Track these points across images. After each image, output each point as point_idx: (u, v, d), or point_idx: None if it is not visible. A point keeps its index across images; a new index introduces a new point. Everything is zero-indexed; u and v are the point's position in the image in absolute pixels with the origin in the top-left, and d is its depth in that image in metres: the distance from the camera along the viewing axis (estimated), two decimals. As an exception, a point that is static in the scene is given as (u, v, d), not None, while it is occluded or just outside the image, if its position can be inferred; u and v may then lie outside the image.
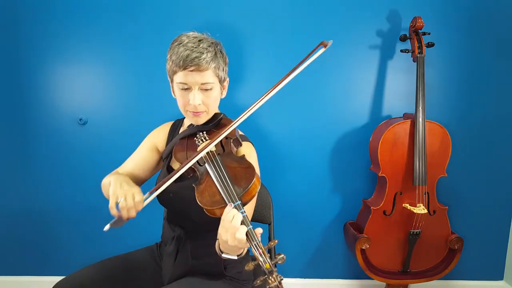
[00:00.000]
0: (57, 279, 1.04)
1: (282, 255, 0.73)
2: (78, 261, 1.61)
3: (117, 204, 0.86)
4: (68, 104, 1.76)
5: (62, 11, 1.69)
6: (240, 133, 1.12)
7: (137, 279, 1.11)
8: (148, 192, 0.92)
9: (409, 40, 1.68)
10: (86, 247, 1.86)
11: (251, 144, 1.11)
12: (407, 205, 1.60)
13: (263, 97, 0.94)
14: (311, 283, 1.92)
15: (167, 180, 0.91)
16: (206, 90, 1.02)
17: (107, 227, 0.85)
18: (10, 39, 1.71)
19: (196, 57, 0.96)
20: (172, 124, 1.23)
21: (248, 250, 1.21)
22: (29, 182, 1.82)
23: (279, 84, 0.94)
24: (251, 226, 0.75)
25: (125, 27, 1.70)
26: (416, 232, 1.62)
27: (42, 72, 1.74)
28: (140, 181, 1.16)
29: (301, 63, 0.95)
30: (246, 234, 0.74)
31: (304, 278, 1.92)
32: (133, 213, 0.86)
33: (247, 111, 0.94)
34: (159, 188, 0.91)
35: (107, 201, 0.89)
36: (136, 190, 0.88)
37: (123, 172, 1.12)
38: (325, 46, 0.95)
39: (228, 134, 0.96)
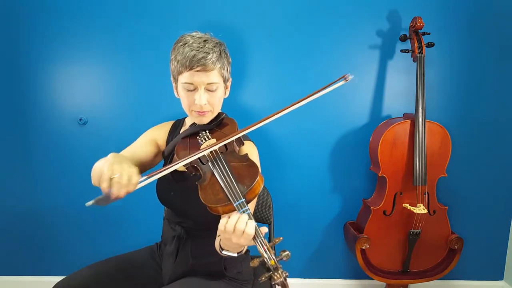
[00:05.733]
0: (57, 279, 1.04)
1: (287, 252, 0.74)
2: (78, 261, 1.61)
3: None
4: (68, 104, 1.76)
5: (62, 11, 1.69)
6: None
7: (137, 279, 1.11)
8: (146, 176, 0.87)
9: (409, 40, 1.68)
10: (86, 247, 1.86)
11: (253, 143, 1.11)
12: (407, 205, 1.60)
13: (272, 115, 0.93)
14: (311, 283, 1.92)
15: (167, 169, 0.88)
16: (212, 90, 1.02)
17: (90, 203, 0.81)
18: (10, 39, 1.71)
19: (202, 57, 0.96)
20: (173, 124, 1.22)
21: (248, 249, 1.21)
22: (29, 182, 1.82)
23: (294, 105, 0.92)
24: (256, 223, 0.76)
25: (125, 27, 1.70)
26: (416, 232, 1.62)
27: (42, 72, 1.74)
28: None
29: (319, 91, 0.93)
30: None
31: (304, 278, 1.92)
32: (122, 193, 0.82)
33: (254, 124, 0.93)
34: (157, 174, 0.87)
35: None
36: (135, 171, 0.84)
37: None
38: (346, 80, 0.94)
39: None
